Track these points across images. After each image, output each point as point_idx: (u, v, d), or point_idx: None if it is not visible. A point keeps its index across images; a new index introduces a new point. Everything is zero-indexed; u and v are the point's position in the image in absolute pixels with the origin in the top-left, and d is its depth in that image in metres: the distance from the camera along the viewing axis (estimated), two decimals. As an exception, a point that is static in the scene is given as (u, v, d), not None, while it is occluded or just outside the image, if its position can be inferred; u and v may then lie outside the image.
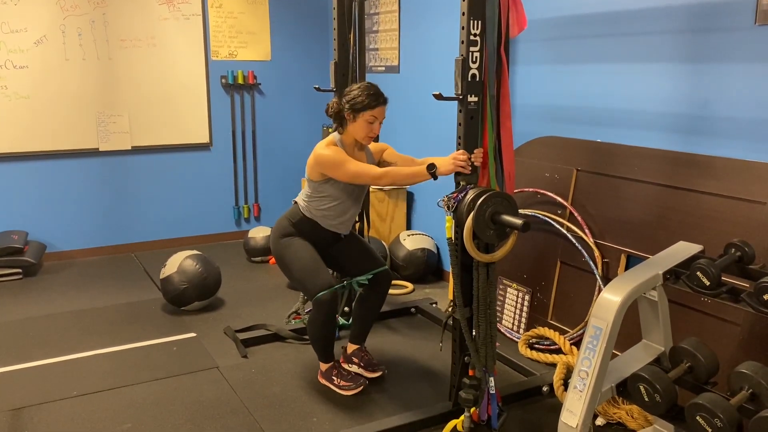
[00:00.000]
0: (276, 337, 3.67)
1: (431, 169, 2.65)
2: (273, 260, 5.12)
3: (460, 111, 2.58)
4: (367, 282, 3.11)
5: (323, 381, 3.15)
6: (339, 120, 2.95)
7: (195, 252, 4.14)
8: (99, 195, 5.22)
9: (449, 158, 2.61)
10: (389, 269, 3.26)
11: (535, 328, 3.56)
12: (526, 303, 3.68)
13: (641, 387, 2.10)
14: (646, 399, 2.09)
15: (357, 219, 3.73)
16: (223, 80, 5.51)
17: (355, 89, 2.89)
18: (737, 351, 2.62)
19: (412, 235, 4.68)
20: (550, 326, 3.52)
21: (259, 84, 5.67)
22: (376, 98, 2.86)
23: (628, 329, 2.54)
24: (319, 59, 5.91)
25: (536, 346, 3.52)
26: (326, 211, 3.01)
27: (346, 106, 2.87)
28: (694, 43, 2.93)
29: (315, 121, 5.93)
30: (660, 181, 3.06)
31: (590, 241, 3.32)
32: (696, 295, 2.23)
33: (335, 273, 3.43)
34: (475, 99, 2.56)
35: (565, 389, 2.92)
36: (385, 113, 2.93)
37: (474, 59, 2.51)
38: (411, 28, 4.84)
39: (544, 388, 3.06)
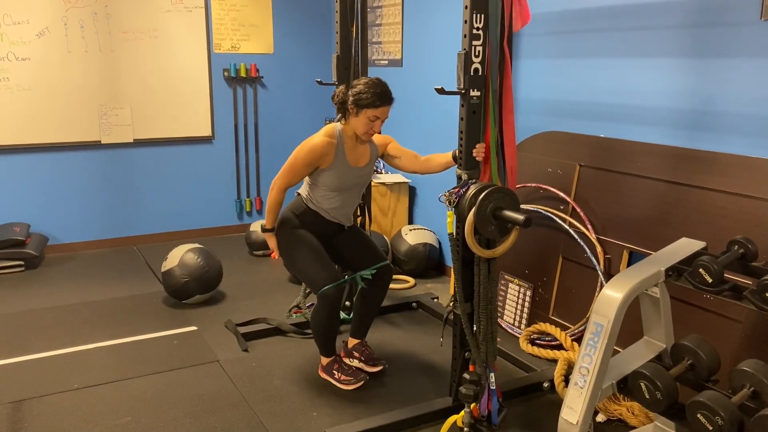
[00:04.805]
0: (277, 331, 3.66)
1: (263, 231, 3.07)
2: (274, 254, 5.11)
3: (463, 105, 2.56)
4: (370, 276, 3.10)
5: (323, 375, 3.15)
6: (343, 110, 2.94)
7: (196, 245, 4.14)
8: (101, 188, 5.22)
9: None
10: (390, 264, 3.26)
11: (537, 323, 3.56)
12: (527, 298, 3.67)
13: (642, 384, 2.09)
14: (647, 396, 2.09)
15: (359, 213, 3.73)
16: (226, 73, 5.49)
17: (362, 84, 2.86)
18: (739, 348, 2.61)
19: (414, 229, 4.68)
20: (552, 322, 3.52)
21: (262, 77, 5.66)
22: (381, 97, 2.83)
23: (629, 326, 2.53)
24: (322, 52, 5.89)
25: (537, 341, 3.52)
26: (325, 201, 3.00)
27: (351, 99, 2.85)
28: (699, 37, 2.91)
29: (317, 115, 5.92)
30: (663, 177, 3.05)
31: (592, 237, 3.30)
32: (698, 292, 2.21)
33: (337, 266, 3.42)
34: (478, 93, 2.54)
35: (566, 385, 2.92)
36: (389, 113, 2.91)
37: (477, 53, 2.50)
38: (414, 22, 4.81)
39: (545, 384, 3.05)
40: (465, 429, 2.68)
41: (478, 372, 2.69)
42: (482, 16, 2.48)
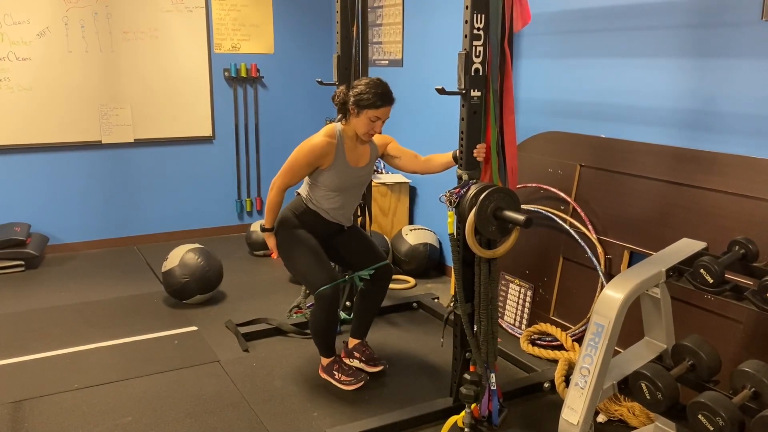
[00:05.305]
0: (277, 332, 3.66)
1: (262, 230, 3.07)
2: (274, 254, 5.11)
3: (463, 106, 2.56)
4: (369, 276, 3.10)
5: (324, 375, 3.15)
6: (343, 111, 2.93)
7: (197, 245, 4.14)
8: (101, 188, 5.22)
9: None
10: (390, 263, 3.25)
11: (537, 324, 3.55)
12: (528, 299, 3.67)
13: (643, 384, 2.09)
14: (648, 397, 2.08)
15: (359, 213, 3.73)
16: (226, 73, 5.49)
17: (363, 84, 2.85)
18: (740, 349, 2.61)
19: (415, 229, 4.67)
20: (552, 322, 3.51)
21: (262, 77, 5.65)
22: (382, 98, 2.83)
23: (630, 326, 2.53)
24: (322, 53, 5.89)
25: (538, 342, 3.51)
26: (325, 201, 3.00)
27: (352, 99, 2.85)
28: (700, 38, 2.91)
29: (318, 115, 5.91)
30: (664, 177, 3.04)
31: (593, 237, 3.30)
32: (699, 293, 2.21)
33: (337, 266, 3.42)
34: (478, 93, 2.54)
35: (567, 386, 2.92)
36: (390, 113, 2.91)
37: (477, 53, 2.49)
38: (415, 22, 4.81)
39: (546, 385, 3.05)
40: (465, 429, 2.68)
41: (479, 372, 2.69)
42: (483, 16, 2.48)
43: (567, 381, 2.99)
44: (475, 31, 2.47)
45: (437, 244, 4.68)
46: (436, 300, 4.16)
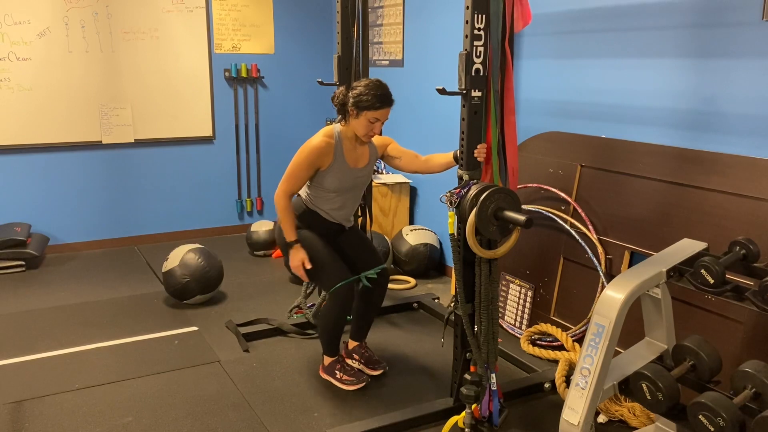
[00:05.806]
0: (278, 332, 3.66)
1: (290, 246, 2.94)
2: (276, 254, 5.12)
3: (464, 106, 2.56)
4: (375, 276, 3.10)
5: (324, 375, 3.15)
6: (343, 112, 2.93)
7: (197, 245, 4.14)
8: (102, 188, 5.22)
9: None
10: (386, 267, 3.25)
11: (538, 324, 3.55)
12: (528, 299, 3.67)
13: (644, 385, 2.09)
14: (649, 397, 2.08)
15: (359, 214, 3.73)
16: (227, 73, 5.49)
17: (363, 85, 2.85)
18: (741, 349, 2.61)
19: (415, 229, 4.67)
20: (553, 323, 3.51)
21: (263, 77, 5.65)
22: (381, 99, 2.82)
23: (630, 326, 2.53)
24: (323, 53, 5.89)
25: (538, 342, 3.51)
26: (325, 202, 3.00)
27: (351, 100, 2.85)
28: (701, 38, 2.90)
29: (318, 115, 5.92)
30: (664, 178, 3.04)
31: (594, 237, 3.30)
32: (700, 293, 2.21)
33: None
34: (479, 94, 2.54)
35: (567, 386, 2.92)
36: (389, 114, 2.91)
37: (478, 54, 2.49)
38: (415, 22, 4.81)
39: (546, 385, 3.05)
40: (466, 430, 2.68)
41: (479, 373, 2.69)
42: (483, 16, 2.48)
43: (567, 381, 2.99)
44: (476, 32, 2.47)
45: (438, 245, 4.68)
46: (436, 300, 4.16)
